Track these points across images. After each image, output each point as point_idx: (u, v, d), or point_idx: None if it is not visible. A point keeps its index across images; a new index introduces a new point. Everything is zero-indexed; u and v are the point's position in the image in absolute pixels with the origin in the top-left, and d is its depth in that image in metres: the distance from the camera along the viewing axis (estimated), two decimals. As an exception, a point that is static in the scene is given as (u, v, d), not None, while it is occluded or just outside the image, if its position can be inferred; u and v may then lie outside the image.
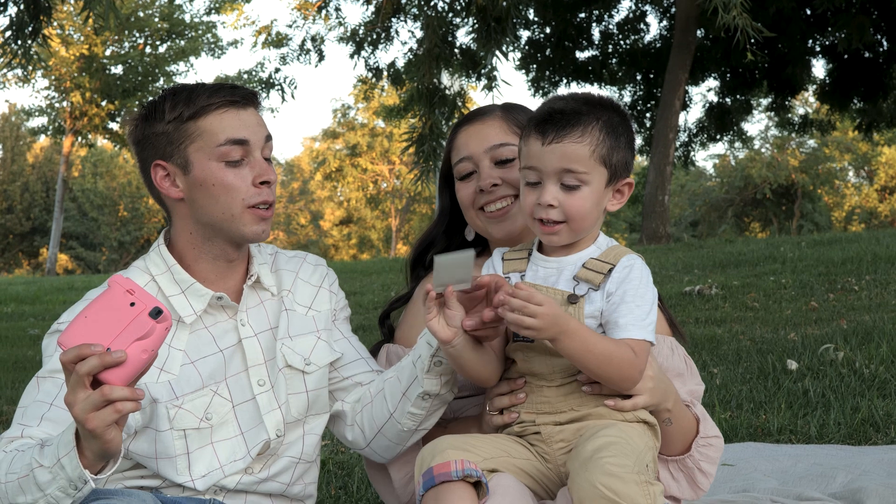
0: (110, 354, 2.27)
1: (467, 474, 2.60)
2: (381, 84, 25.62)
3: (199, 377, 2.94)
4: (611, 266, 2.79)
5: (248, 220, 2.94)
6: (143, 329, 2.30)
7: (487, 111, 3.28)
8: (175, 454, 2.91)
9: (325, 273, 3.28)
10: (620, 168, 2.82)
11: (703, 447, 3.12)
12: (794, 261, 14.99)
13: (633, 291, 2.76)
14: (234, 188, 2.91)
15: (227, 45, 43.01)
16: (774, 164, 55.22)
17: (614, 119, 2.82)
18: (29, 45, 13.20)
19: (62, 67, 40.30)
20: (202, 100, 2.89)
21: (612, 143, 2.79)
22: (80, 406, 2.31)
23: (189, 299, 2.99)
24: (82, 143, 42.94)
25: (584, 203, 2.77)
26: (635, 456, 2.58)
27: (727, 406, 6.45)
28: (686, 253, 18.30)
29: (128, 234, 58.77)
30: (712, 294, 12.43)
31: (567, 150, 2.76)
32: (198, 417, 2.92)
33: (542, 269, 2.87)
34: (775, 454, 5.22)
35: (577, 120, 2.79)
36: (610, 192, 2.84)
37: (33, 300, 21.21)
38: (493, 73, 14.93)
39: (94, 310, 2.33)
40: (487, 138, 3.21)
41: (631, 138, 2.85)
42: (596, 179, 2.78)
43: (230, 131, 2.89)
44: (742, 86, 29.02)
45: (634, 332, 2.73)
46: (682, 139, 30.28)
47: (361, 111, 59.81)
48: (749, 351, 8.32)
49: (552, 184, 2.78)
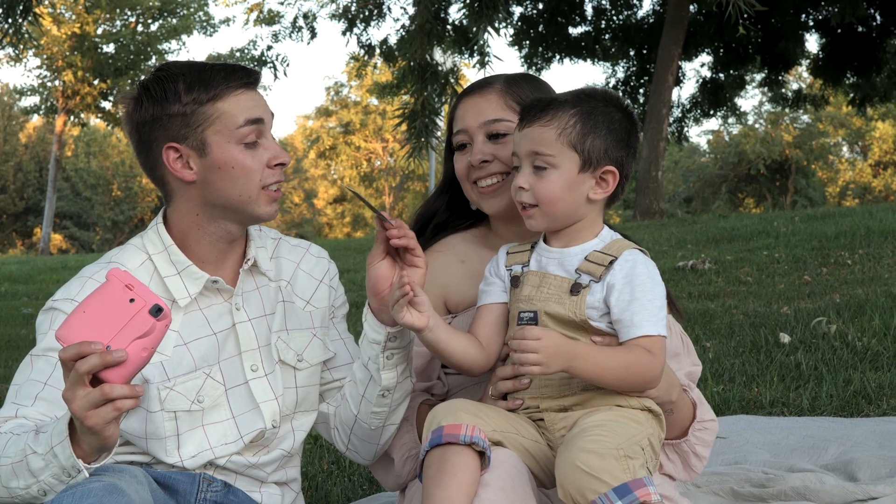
0: (111, 354, 2.25)
1: (474, 442, 2.62)
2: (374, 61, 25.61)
3: (192, 359, 2.93)
4: (612, 258, 2.80)
5: (263, 200, 2.94)
6: (144, 327, 2.28)
7: (488, 83, 3.26)
8: (165, 435, 2.90)
9: (326, 267, 3.25)
10: (596, 155, 2.82)
11: (699, 431, 3.14)
12: (787, 235, 15.00)
13: (642, 287, 2.77)
14: (252, 170, 2.89)
15: (219, 22, 43.02)
16: (768, 139, 55.15)
17: (598, 108, 2.84)
18: (20, 23, 13.15)
19: (54, 46, 40.16)
20: (219, 81, 2.87)
21: (585, 129, 2.80)
22: (79, 403, 2.30)
23: (185, 281, 2.97)
24: (75, 122, 42.82)
25: (552, 187, 2.81)
26: (623, 437, 2.59)
27: (720, 379, 6.46)
28: (679, 228, 18.29)
29: (121, 214, 58.67)
30: (705, 269, 12.44)
31: (535, 134, 2.82)
32: (189, 400, 2.91)
33: (545, 258, 2.89)
34: (767, 427, 5.23)
35: (551, 106, 2.84)
36: (588, 178, 2.83)
37: (27, 279, 21.18)
38: (485, 49, 14.90)
39: (92, 304, 2.30)
40: (483, 112, 3.19)
41: (616, 128, 2.85)
42: (565, 164, 2.81)
43: (248, 112, 2.87)
44: (735, 61, 28.99)
45: (649, 328, 2.74)
46: (675, 115, 30.29)
47: (354, 89, 59.73)
48: (742, 325, 8.33)
49: (526, 167, 2.85)
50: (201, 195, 2.93)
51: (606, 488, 2.48)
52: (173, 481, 2.89)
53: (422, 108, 14.77)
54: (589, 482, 2.50)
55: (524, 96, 3.18)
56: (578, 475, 2.50)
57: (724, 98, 30.84)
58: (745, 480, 4.21)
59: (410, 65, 15.30)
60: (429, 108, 14.69)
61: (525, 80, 3.29)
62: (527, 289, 2.86)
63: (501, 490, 2.59)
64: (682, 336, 3.28)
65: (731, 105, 31.90)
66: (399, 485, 3.26)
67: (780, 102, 35.71)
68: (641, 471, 2.55)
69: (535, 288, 2.84)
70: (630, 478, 2.51)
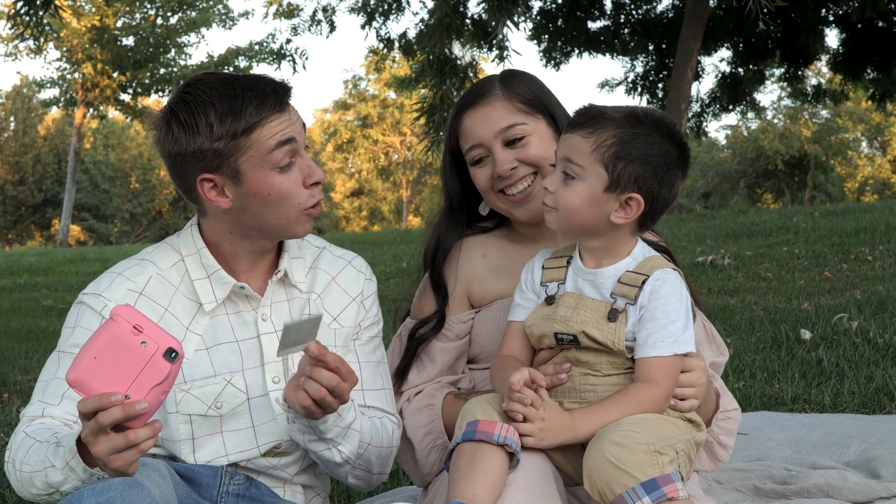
0: (133, 406, 2.24)
1: (507, 443, 2.61)
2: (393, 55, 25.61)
3: (211, 364, 2.91)
4: (644, 277, 2.76)
5: (302, 220, 2.90)
6: (161, 374, 2.26)
7: (487, 91, 3.20)
8: (180, 438, 2.89)
9: (363, 284, 3.17)
10: (626, 179, 2.73)
11: (723, 420, 3.11)
12: (807, 231, 14.96)
13: (664, 307, 2.73)
14: (290, 195, 2.84)
15: (238, 16, 42.88)
16: (787, 134, 55.00)
17: (641, 136, 2.75)
18: (40, 16, 13.20)
19: (74, 39, 40.24)
20: (251, 112, 2.78)
21: (619, 153, 2.73)
22: (102, 448, 2.30)
23: (213, 285, 2.95)
24: (94, 114, 42.91)
25: (574, 197, 2.76)
26: (657, 435, 2.57)
27: (741, 376, 6.43)
28: (698, 223, 18.25)
29: (139, 206, 58.83)
30: (725, 264, 12.41)
31: (573, 141, 2.77)
32: (206, 405, 2.89)
33: (581, 279, 2.84)
34: (789, 423, 5.20)
35: (596, 119, 2.78)
36: (612, 200, 2.75)
37: (46, 271, 21.25)
38: (504, 43, 14.88)
39: (102, 349, 2.26)
40: (494, 122, 3.15)
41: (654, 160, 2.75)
42: (592, 178, 2.74)
43: (279, 135, 2.80)
44: (755, 56, 28.89)
45: (663, 349, 2.70)
46: (694, 110, 30.19)
47: (373, 82, 59.78)
48: (762, 321, 8.30)
49: (558, 170, 2.81)
50: (237, 218, 2.90)
51: (634, 482, 2.46)
52: (196, 474, 2.88)
53: (440, 101, 14.77)
54: (617, 475, 2.48)
55: (524, 93, 3.17)
56: (607, 468, 2.49)
57: (743, 93, 30.74)
58: (768, 477, 4.19)
59: (429, 58, 15.30)
60: (447, 102, 14.69)
61: (517, 76, 3.26)
62: (562, 309, 2.81)
63: (527, 490, 2.58)
64: (704, 324, 3.25)
65: (749, 100, 31.79)
66: (423, 480, 3.25)
67: (800, 97, 35.58)
68: (670, 467, 2.53)
69: (572, 309, 2.80)
70: (658, 473, 2.49)
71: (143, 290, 2.93)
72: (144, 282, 2.94)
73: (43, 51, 40.01)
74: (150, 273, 2.96)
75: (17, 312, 14.08)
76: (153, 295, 2.93)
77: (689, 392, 2.77)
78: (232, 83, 2.82)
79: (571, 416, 2.67)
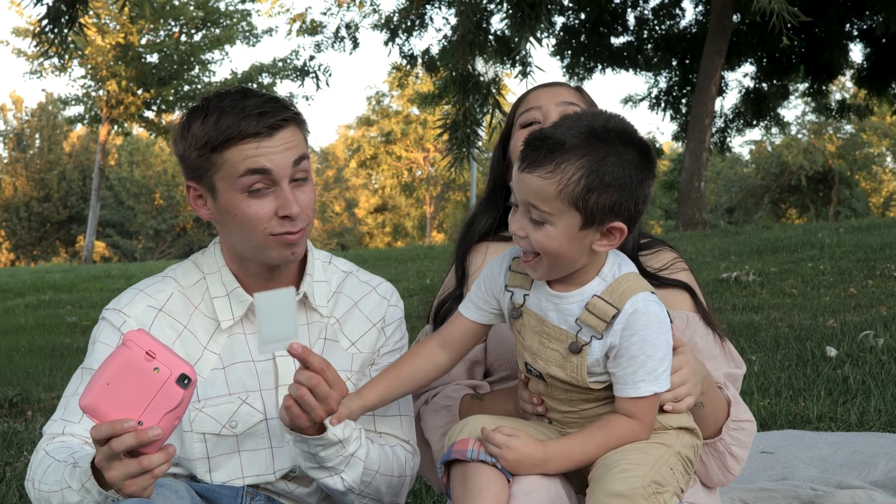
0: (146, 433, 2.24)
1: (481, 459, 2.55)
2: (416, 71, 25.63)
3: (226, 383, 2.89)
4: (615, 312, 2.54)
5: (272, 246, 2.81)
6: (174, 401, 2.26)
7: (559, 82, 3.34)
8: (195, 457, 2.88)
9: (385, 311, 3.11)
10: (602, 212, 2.47)
11: (735, 430, 3.04)
12: (832, 247, 14.88)
13: (640, 343, 2.53)
14: (255, 219, 2.76)
15: (262, 33, 42.97)
16: (811, 149, 54.81)
17: (610, 156, 2.46)
18: (65, 33, 13.26)
19: (98, 56, 40.42)
20: (227, 130, 2.72)
21: (591, 185, 2.44)
22: (116, 474, 2.30)
23: (231, 303, 2.94)
24: (118, 131, 43.09)
25: (550, 241, 2.50)
26: (651, 465, 2.50)
27: (766, 393, 6.39)
28: (723, 239, 18.18)
29: (164, 223, 59.03)
30: (749, 280, 12.35)
31: (532, 184, 2.48)
32: (220, 423, 2.87)
33: (544, 301, 2.64)
34: (815, 442, 5.16)
35: (556, 152, 2.47)
36: (592, 233, 2.51)
37: (70, 288, 21.30)
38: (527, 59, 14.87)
39: (115, 374, 2.25)
40: (560, 95, 3.24)
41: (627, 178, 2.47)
42: (564, 221, 2.48)
43: (249, 161, 2.71)
44: (778, 71, 28.82)
45: (644, 389, 2.54)
46: (718, 125, 30.12)
47: (396, 98, 59.81)
48: (787, 338, 8.25)
49: (523, 213, 2.54)
50: (222, 235, 2.92)
51: None
52: (216, 495, 2.86)
53: (463, 118, 14.76)
54: None
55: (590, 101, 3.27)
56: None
57: (767, 108, 30.68)
58: (794, 497, 4.15)
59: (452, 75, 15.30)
60: (470, 119, 14.68)
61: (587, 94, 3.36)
62: (529, 336, 2.66)
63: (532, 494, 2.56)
64: (723, 341, 3.20)
65: (773, 115, 31.71)
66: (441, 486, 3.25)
67: (824, 112, 35.47)
68: (672, 500, 2.47)
69: (538, 340, 2.65)
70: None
71: (164, 308, 2.93)
72: (165, 298, 2.94)
73: (68, 68, 40.22)
74: (172, 290, 2.96)
75: (42, 329, 14.13)
76: (173, 312, 2.93)
77: (683, 391, 2.68)
78: (237, 97, 2.78)
79: (544, 449, 2.55)
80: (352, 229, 67.62)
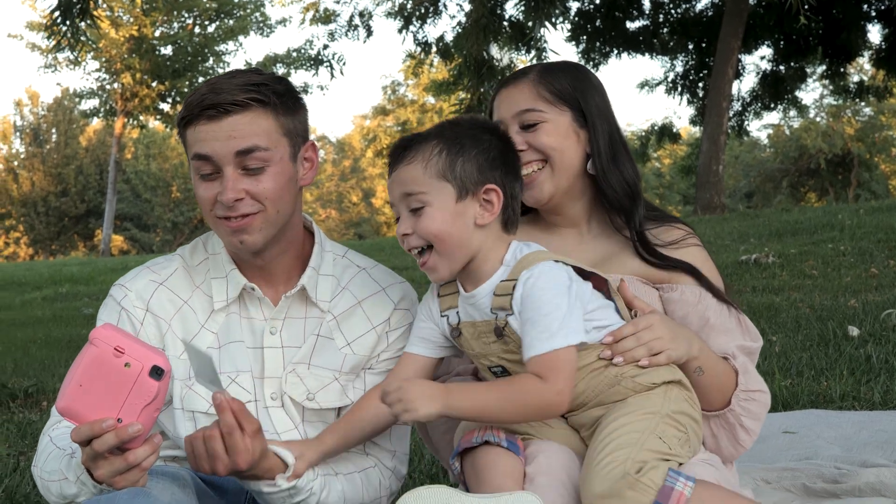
0: (126, 430, 2.21)
1: (486, 439, 2.59)
2: (431, 59, 25.58)
3: (218, 363, 2.85)
4: (514, 282, 2.66)
5: (221, 230, 2.82)
6: (149, 394, 2.23)
7: (522, 74, 3.20)
8: (186, 435, 2.81)
9: (391, 314, 3.04)
10: (471, 178, 2.66)
11: (745, 401, 2.99)
12: (852, 228, 14.81)
13: (535, 304, 2.60)
14: (201, 201, 2.80)
15: (276, 23, 43.00)
16: (830, 132, 54.58)
17: (463, 132, 2.71)
18: (77, 25, 13.26)
19: (112, 49, 40.48)
20: (187, 106, 2.74)
21: (452, 155, 2.66)
22: (104, 473, 2.29)
23: (228, 284, 2.91)
24: (134, 124, 43.17)
25: (433, 223, 2.64)
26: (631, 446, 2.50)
27: (787, 373, 6.31)
28: (741, 222, 18.11)
29: (181, 215, 59.14)
30: (769, 262, 12.29)
31: (402, 175, 2.68)
32: (208, 402, 2.82)
33: (467, 305, 2.76)
34: (838, 421, 5.09)
35: (412, 142, 2.72)
36: (471, 204, 2.68)
37: (88, 280, 21.36)
38: (541, 44, 14.81)
39: (86, 375, 2.21)
40: (516, 103, 3.13)
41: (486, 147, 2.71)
42: (440, 197, 2.65)
43: (197, 146, 2.73)
44: (796, 53, 28.67)
45: (538, 348, 2.56)
46: (735, 109, 29.97)
47: (411, 87, 59.81)
48: (808, 318, 8.18)
49: (403, 212, 2.70)
50: None
51: None
52: (222, 481, 2.83)
53: (478, 103, 14.72)
54: None
55: (558, 85, 3.13)
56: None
57: (785, 91, 30.52)
58: (818, 476, 4.09)
59: (466, 60, 15.26)
60: (485, 104, 14.62)
61: (562, 68, 3.23)
62: (472, 344, 2.75)
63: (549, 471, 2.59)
64: (739, 316, 3.14)
65: (791, 98, 31.55)
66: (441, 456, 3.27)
67: (842, 95, 35.27)
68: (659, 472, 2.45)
69: (479, 343, 2.73)
70: (653, 495, 2.42)
71: (165, 282, 2.92)
72: (168, 274, 2.94)
73: (82, 61, 40.31)
74: (176, 266, 2.97)
75: (59, 321, 14.18)
76: (174, 287, 2.92)
77: (657, 345, 2.73)
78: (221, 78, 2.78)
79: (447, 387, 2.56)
80: (369, 219, 67.68)
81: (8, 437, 6.12)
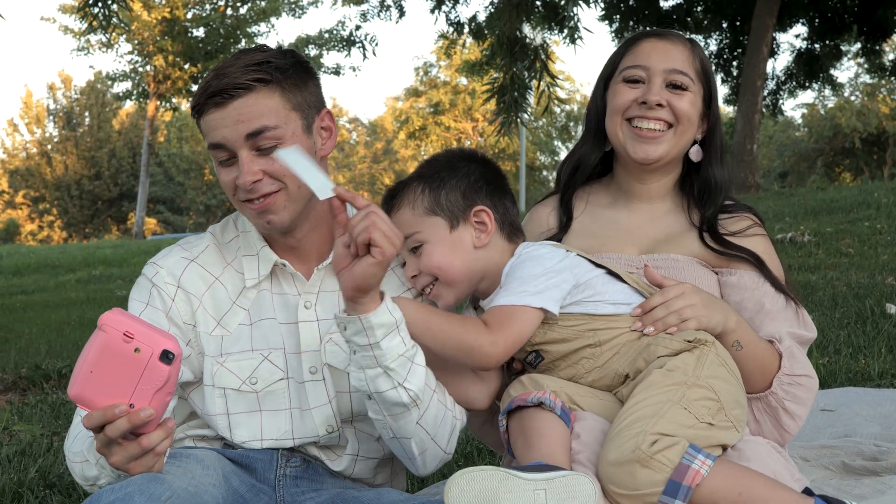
0: (138, 415, 2.20)
1: (542, 402, 2.61)
2: (463, 39, 25.48)
3: (250, 340, 2.85)
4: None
5: (248, 213, 2.82)
6: (160, 379, 2.21)
7: (678, 36, 3.18)
8: (216, 412, 2.85)
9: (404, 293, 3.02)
10: (458, 206, 2.81)
11: (789, 385, 2.92)
12: (888, 206, 14.69)
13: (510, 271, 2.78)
14: (225, 187, 2.82)
15: (308, 4, 42.98)
16: (865, 111, 54.18)
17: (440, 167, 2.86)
18: (109, 7, 13.28)
19: (144, 31, 40.60)
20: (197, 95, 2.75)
21: (433, 189, 2.81)
22: (118, 459, 2.28)
23: (259, 261, 2.91)
24: (166, 107, 43.28)
25: (433, 258, 2.78)
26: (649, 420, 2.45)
27: (825, 351, 6.24)
28: (776, 201, 18.01)
29: (214, 198, 59.37)
30: (805, 241, 12.21)
31: (396, 221, 2.70)
32: (240, 379, 2.83)
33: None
34: (877, 399, 5.03)
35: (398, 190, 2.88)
36: (465, 230, 2.83)
37: (121, 263, 21.49)
38: (575, 23, 14.71)
39: (97, 362, 2.19)
40: (671, 58, 3.11)
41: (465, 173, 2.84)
42: (434, 232, 2.80)
43: (211, 135, 2.73)
44: (831, 31, 28.42)
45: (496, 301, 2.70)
46: (769, 87, 29.76)
47: (444, 69, 59.75)
48: (845, 296, 8.10)
49: (407, 256, 2.85)
50: None
51: (655, 498, 2.39)
52: (250, 460, 2.83)
53: (511, 82, 14.64)
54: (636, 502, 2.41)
55: (706, 63, 3.15)
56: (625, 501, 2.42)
57: (820, 69, 30.26)
58: (857, 454, 4.05)
59: (499, 39, 15.17)
60: (518, 83, 14.58)
61: (699, 46, 3.23)
62: None
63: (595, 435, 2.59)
64: (797, 308, 3.11)
65: (826, 76, 31.27)
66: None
67: (878, 73, 34.95)
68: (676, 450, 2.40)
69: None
70: (668, 473, 2.38)
71: (196, 259, 2.92)
72: (200, 251, 2.94)
73: (114, 44, 40.46)
74: (208, 243, 2.96)
75: (92, 303, 14.25)
76: (205, 263, 2.91)
77: (688, 312, 2.73)
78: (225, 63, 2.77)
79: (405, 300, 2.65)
80: (402, 201, 67.75)
81: (42, 417, 6.15)
